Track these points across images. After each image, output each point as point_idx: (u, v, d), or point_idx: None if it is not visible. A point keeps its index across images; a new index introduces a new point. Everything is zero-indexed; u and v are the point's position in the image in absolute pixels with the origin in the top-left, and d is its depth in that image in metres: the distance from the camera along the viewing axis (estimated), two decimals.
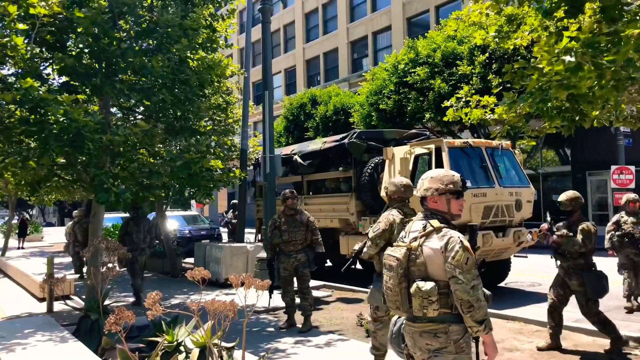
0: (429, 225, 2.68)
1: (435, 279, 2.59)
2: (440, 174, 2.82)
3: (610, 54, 3.78)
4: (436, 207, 2.77)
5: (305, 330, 6.65)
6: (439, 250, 2.59)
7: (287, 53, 36.57)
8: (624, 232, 7.39)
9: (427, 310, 2.56)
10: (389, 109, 18.35)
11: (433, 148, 8.88)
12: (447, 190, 2.75)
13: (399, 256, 2.65)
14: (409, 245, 2.66)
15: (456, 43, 16.84)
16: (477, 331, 2.54)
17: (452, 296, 2.57)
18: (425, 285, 2.56)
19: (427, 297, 2.55)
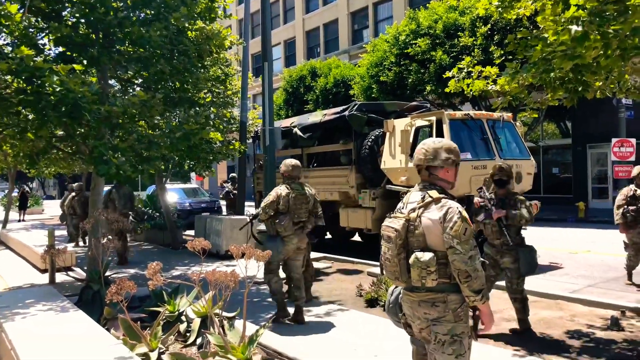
0: (427, 196, 2.67)
1: (433, 249, 2.60)
2: (452, 145, 2.83)
3: (617, 23, 3.71)
4: (446, 177, 2.78)
5: (306, 300, 6.70)
6: (438, 220, 2.59)
7: (287, 24, 36.07)
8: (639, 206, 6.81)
9: (425, 280, 2.57)
10: (389, 81, 18.18)
11: (434, 120, 8.83)
12: (457, 161, 2.79)
13: (398, 227, 2.64)
14: (408, 216, 2.66)
15: (458, 14, 16.60)
16: (474, 300, 2.56)
17: (450, 266, 2.59)
18: (424, 256, 2.57)
19: (425, 267, 2.56)
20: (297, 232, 5.79)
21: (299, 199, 5.75)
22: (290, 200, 5.69)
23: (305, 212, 5.84)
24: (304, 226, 5.87)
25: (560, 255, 9.90)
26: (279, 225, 5.64)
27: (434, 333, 2.62)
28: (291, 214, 5.71)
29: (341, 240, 12.18)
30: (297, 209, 5.76)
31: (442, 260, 2.59)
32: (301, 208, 5.80)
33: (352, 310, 6.20)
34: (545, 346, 4.83)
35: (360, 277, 8.05)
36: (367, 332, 5.27)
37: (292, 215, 5.72)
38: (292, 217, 5.72)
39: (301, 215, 5.82)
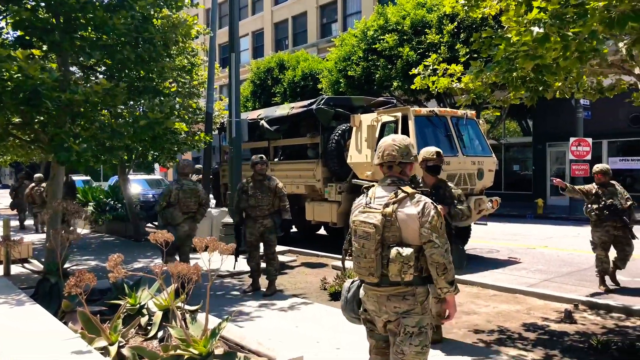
0: (401, 192, 2.70)
1: (408, 243, 2.64)
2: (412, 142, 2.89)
3: (576, 26, 3.82)
4: (411, 173, 2.89)
5: (270, 293, 6.71)
6: (416, 215, 2.63)
7: (255, 15, 35.73)
8: (604, 204, 6.68)
9: (405, 274, 2.61)
10: (357, 76, 18.25)
11: (400, 116, 8.93)
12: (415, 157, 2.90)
13: (376, 222, 2.65)
14: (384, 211, 2.67)
15: (425, 11, 16.78)
16: (447, 292, 2.65)
17: (422, 259, 2.64)
18: (406, 251, 2.60)
19: (407, 262, 2.59)
20: (187, 220, 6.97)
21: (187, 192, 6.92)
22: (180, 194, 6.87)
23: (194, 204, 7.00)
24: (194, 216, 7.06)
25: (519, 250, 10.19)
26: (168, 214, 6.84)
27: (403, 325, 2.65)
28: (180, 206, 6.86)
29: (307, 233, 12.21)
30: (186, 201, 6.91)
31: (416, 255, 2.65)
32: (190, 200, 6.95)
33: (316, 304, 6.24)
34: (503, 339, 4.97)
35: (324, 271, 8.10)
36: (330, 325, 5.31)
37: (180, 207, 6.87)
38: (180, 208, 6.87)
39: (190, 206, 6.97)
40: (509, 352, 4.61)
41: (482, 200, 9.04)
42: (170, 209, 6.84)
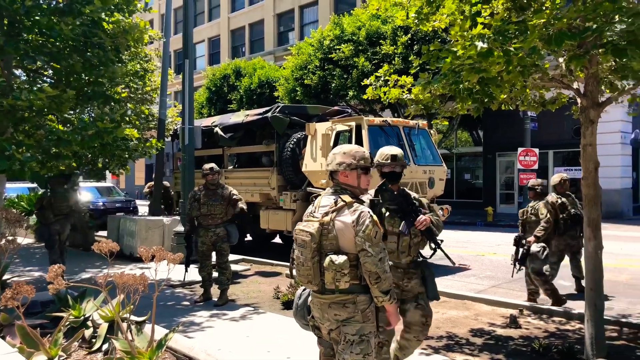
0: (340, 200, 2.73)
1: (346, 251, 2.66)
2: (353, 150, 2.87)
3: (518, 41, 3.98)
4: (347, 182, 2.83)
5: (221, 303, 6.63)
6: (351, 224, 2.65)
7: (212, 22, 35.45)
8: (571, 213, 6.79)
9: (339, 282, 2.63)
10: (313, 85, 18.37)
11: (354, 125, 9.04)
12: (359, 166, 2.81)
13: (312, 231, 2.68)
14: (322, 219, 2.70)
15: (380, 22, 17.08)
16: (383, 301, 2.66)
17: (360, 268, 2.66)
18: (339, 259, 2.62)
19: (340, 270, 2.61)
20: (60, 220, 8.07)
21: (59, 199, 8.05)
22: (52, 199, 8.00)
23: (66, 208, 8.14)
24: (66, 217, 8.16)
25: (469, 257, 10.45)
26: (41, 215, 8.03)
27: (343, 333, 2.68)
28: (52, 208, 7.98)
29: (261, 242, 12.14)
30: (58, 205, 8.03)
31: (353, 263, 2.66)
32: (62, 205, 8.06)
33: (269, 313, 6.20)
34: (451, 345, 5.08)
35: (278, 279, 8.07)
36: (282, 334, 5.29)
37: (53, 209, 7.97)
38: (53, 210, 7.97)
39: (62, 209, 8.08)
40: (457, 357, 4.72)
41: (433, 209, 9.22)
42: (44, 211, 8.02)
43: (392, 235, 3.60)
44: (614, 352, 4.67)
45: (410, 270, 3.69)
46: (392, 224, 3.59)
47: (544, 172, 17.74)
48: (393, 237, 3.60)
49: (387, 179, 3.73)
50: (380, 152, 3.81)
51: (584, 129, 4.86)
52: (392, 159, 3.73)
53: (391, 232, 3.59)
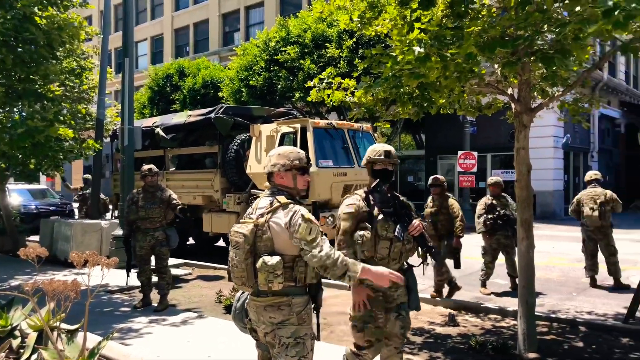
0: (275, 201, 2.72)
1: (281, 253, 2.65)
2: (287, 151, 2.87)
3: (454, 47, 4.10)
4: (282, 183, 2.82)
5: (161, 309, 6.45)
6: (285, 225, 2.64)
7: (154, 20, 34.56)
8: (498, 213, 7.24)
9: (272, 284, 2.60)
10: (259, 86, 18.24)
11: (299, 127, 9.05)
12: (294, 167, 2.81)
13: (246, 232, 2.66)
14: (256, 221, 2.69)
15: (326, 25, 17.19)
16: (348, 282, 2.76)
17: (296, 270, 2.65)
18: (271, 260, 2.60)
19: (272, 271, 2.59)
20: None
21: None
22: None
23: None
24: None
25: (413, 258, 10.64)
26: None
27: (278, 337, 2.66)
28: None
29: (204, 245, 11.93)
30: None
31: (288, 264, 2.64)
32: None
33: (210, 317, 6.09)
34: None
35: (221, 283, 7.94)
36: (223, 338, 5.21)
37: None
38: None
39: None
40: None
41: None
42: None
43: (385, 241, 3.33)
44: (544, 347, 4.89)
45: None
46: (385, 228, 3.33)
47: (483, 175, 18.39)
48: (385, 242, 3.32)
49: (380, 178, 3.48)
50: (372, 149, 3.58)
51: (517, 133, 5.06)
52: (386, 155, 3.50)
53: (384, 237, 3.33)
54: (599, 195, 7.65)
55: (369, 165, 3.55)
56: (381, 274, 2.75)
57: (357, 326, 3.39)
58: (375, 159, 3.51)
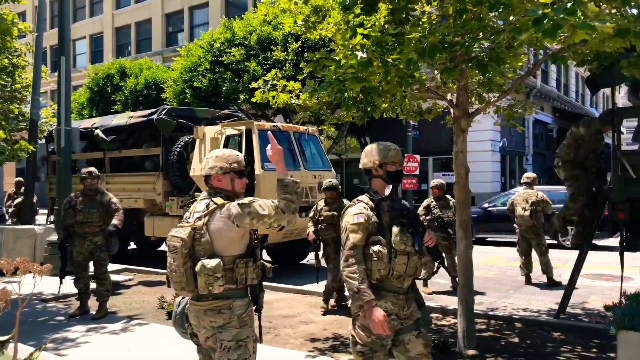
0: (212, 203, 2.70)
1: (220, 255, 2.63)
2: (225, 153, 2.85)
3: (396, 53, 4.20)
4: (220, 186, 2.80)
5: (100, 316, 6.23)
6: (228, 220, 2.62)
7: (94, 17, 33.38)
8: (433, 216, 7.54)
9: (212, 287, 2.58)
10: (203, 88, 17.97)
11: (244, 130, 8.98)
12: (232, 169, 2.79)
13: (184, 236, 2.62)
14: (194, 224, 2.66)
15: (271, 28, 17.16)
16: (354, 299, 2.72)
17: (236, 271, 2.64)
18: (211, 263, 2.57)
19: (212, 274, 2.56)
20: None
21: None
22: None
23: None
24: None
25: None
26: None
27: (219, 340, 2.64)
28: None
29: (146, 250, 11.59)
30: None
31: (228, 266, 2.62)
32: None
33: (152, 324, 5.94)
34: (337, 345, 5.20)
35: (163, 289, 7.75)
36: (165, 344, 5.09)
37: None
38: None
39: None
40: (342, 357, 4.84)
41: None
42: None
43: (402, 256, 2.81)
44: (482, 344, 5.07)
45: (409, 294, 2.95)
46: (404, 241, 2.81)
47: (425, 178, 18.87)
48: (403, 257, 2.81)
49: (394, 181, 3.03)
50: (384, 147, 3.06)
51: (456, 137, 5.24)
52: (402, 154, 3.07)
53: (402, 251, 2.81)
54: (530, 196, 8.03)
55: (377, 169, 3.02)
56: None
57: (365, 354, 2.85)
58: (391, 159, 2.98)
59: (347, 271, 2.75)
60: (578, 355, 4.78)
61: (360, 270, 2.72)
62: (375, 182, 3.03)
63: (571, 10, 3.09)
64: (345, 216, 2.91)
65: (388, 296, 2.81)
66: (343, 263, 2.78)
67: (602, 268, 8.88)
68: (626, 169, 5.15)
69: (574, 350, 4.91)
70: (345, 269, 2.76)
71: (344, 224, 2.87)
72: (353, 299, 2.74)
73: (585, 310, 6.49)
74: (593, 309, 6.52)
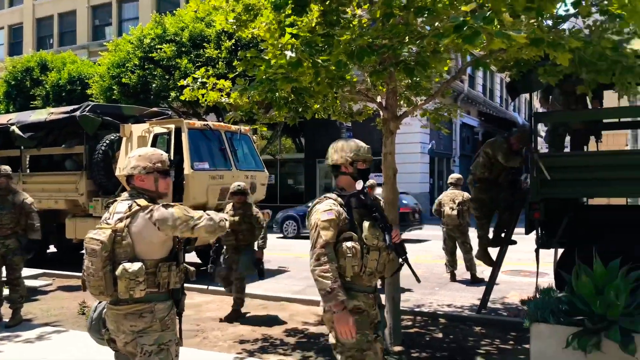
0: (135, 205, 2.61)
1: (142, 258, 2.55)
2: (149, 153, 2.77)
3: (326, 54, 4.23)
4: (143, 186, 2.72)
5: (14, 324, 5.85)
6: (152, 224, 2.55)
7: (13, 7, 31.45)
8: None
9: (134, 291, 2.51)
10: (132, 84, 17.36)
11: (173, 128, 8.74)
12: (155, 169, 2.72)
13: (103, 239, 2.52)
14: (114, 226, 2.56)
15: (204, 25, 16.84)
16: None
17: (159, 275, 2.58)
18: (133, 266, 2.50)
19: (134, 278, 2.49)
20: None
21: None
22: None
23: None
24: None
25: (289, 259, 10.81)
26: None
27: (140, 345, 2.56)
28: None
29: (68, 253, 11.02)
30: None
31: (150, 270, 2.56)
32: None
33: (71, 331, 5.65)
34: (265, 346, 5.17)
35: (85, 294, 7.31)
36: (84, 352, 4.85)
37: None
38: None
39: None
40: (270, 358, 4.82)
41: None
42: None
43: (375, 251, 2.75)
44: (408, 340, 5.21)
45: (376, 293, 2.92)
46: (377, 236, 2.75)
47: None
48: (375, 253, 2.76)
49: (363, 179, 2.96)
50: (355, 144, 2.95)
51: (385, 138, 5.36)
52: (369, 152, 2.97)
53: (375, 246, 2.75)
54: (457, 196, 8.35)
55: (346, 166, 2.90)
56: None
57: (354, 356, 2.71)
58: (362, 157, 2.90)
59: (319, 270, 2.57)
60: (496, 348, 5.02)
61: (333, 268, 2.59)
62: (343, 179, 2.90)
63: (489, 19, 3.24)
64: (313, 213, 2.77)
65: (359, 296, 2.71)
66: (314, 262, 2.62)
67: (520, 265, 9.38)
68: (542, 171, 5.45)
69: (492, 343, 5.14)
70: (316, 268, 2.59)
71: (312, 221, 2.73)
72: (325, 299, 2.58)
73: (505, 305, 6.83)
74: (512, 304, 6.87)
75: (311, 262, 2.63)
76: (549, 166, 5.49)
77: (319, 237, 2.64)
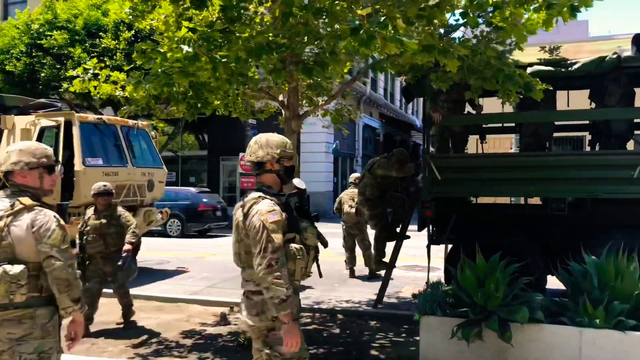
0: (18, 203, 2.41)
1: (24, 260, 2.38)
2: (32, 147, 2.57)
3: (224, 50, 4.17)
4: (25, 183, 2.51)
5: None
6: (31, 230, 2.38)
7: None
8: None
9: (14, 295, 2.33)
10: (17, 72, 16.03)
11: (62, 121, 8.18)
12: (40, 164, 2.52)
13: None
14: None
15: (100, 13, 15.94)
16: (73, 310, 2.45)
17: (42, 278, 2.42)
18: (14, 269, 2.32)
19: (16, 281, 2.32)
20: None
21: None
22: None
23: None
24: None
25: (189, 259, 10.52)
26: None
27: (17, 354, 2.37)
28: None
29: None
30: None
31: (33, 273, 2.39)
32: None
33: None
34: (160, 350, 4.99)
35: None
36: None
37: None
38: None
39: None
40: None
41: (152, 212, 9.03)
42: None
43: (312, 251, 2.73)
44: (307, 337, 5.18)
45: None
46: (316, 235, 2.77)
47: None
48: (312, 252, 2.73)
49: (289, 177, 2.84)
50: (280, 140, 2.77)
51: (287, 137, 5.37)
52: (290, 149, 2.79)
53: (313, 246, 2.74)
54: (356, 195, 8.59)
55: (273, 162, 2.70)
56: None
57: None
58: (288, 154, 2.73)
59: (272, 277, 2.40)
60: (390, 341, 5.23)
61: (285, 274, 2.44)
62: (268, 177, 2.71)
63: (383, 24, 3.37)
64: (254, 215, 2.54)
65: (295, 299, 2.54)
66: (264, 269, 2.42)
67: (415, 260, 9.84)
68: (433, 171, 5.76)
69: (386, 337, 5.35)
70: (268, 275, 2.41)
71: (256, 223, 2.51)
72: (279, 308, 2.42)
73: (399, 299, 7.13)
74: (406, 298, 7.19)
75: (260, 269, 2.45)
76: (439, 166, 5.82)
77: (270, 242, 2.46)
